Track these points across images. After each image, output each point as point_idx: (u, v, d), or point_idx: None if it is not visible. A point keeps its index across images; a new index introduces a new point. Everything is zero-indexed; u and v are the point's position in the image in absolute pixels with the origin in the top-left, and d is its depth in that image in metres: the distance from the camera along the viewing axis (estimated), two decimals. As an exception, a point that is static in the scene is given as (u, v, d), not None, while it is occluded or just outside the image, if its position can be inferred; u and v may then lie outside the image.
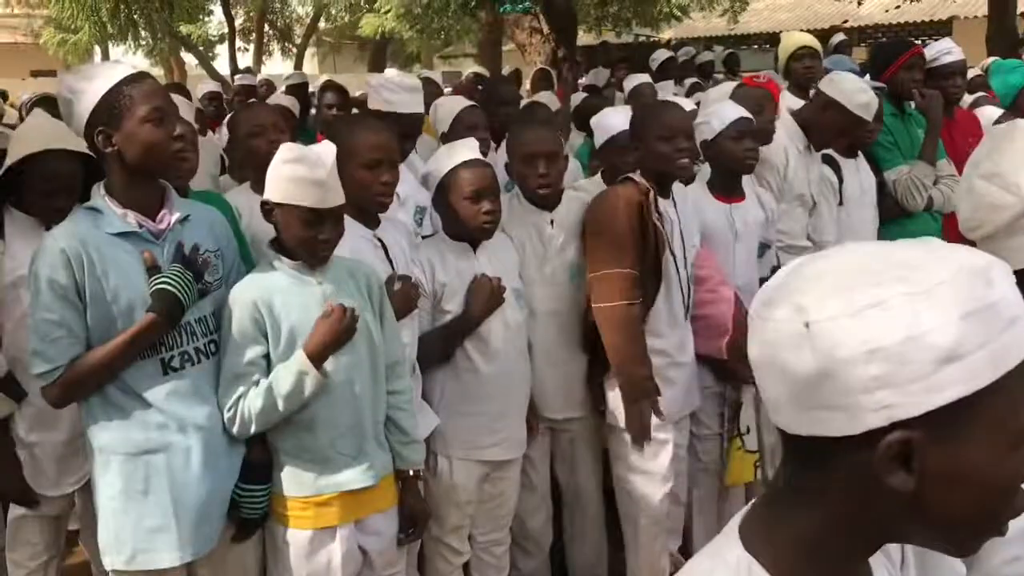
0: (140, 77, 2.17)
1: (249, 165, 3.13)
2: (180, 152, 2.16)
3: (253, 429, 2.29)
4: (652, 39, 15.70)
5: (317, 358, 2.24)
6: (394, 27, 15.88)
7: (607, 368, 2.97)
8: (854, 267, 0.78)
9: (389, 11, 15.20)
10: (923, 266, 0.75)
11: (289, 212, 2.25)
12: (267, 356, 2.28)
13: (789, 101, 4.20)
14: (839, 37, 7.74)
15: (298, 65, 29.60)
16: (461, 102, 3.98)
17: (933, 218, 4.05)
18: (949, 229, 3.96)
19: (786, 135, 3.68)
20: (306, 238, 2.26)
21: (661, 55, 7.91)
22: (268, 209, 2.31)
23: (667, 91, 5.74)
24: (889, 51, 4.15)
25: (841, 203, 3.86)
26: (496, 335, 2.84)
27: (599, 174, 3.52)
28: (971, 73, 7.81)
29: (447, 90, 7.95)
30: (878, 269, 0.76)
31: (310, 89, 8.67)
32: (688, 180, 3.21)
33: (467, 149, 2.87)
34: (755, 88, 3.42)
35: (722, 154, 3.22)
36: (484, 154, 3.13)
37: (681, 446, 3.18)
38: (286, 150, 2.27)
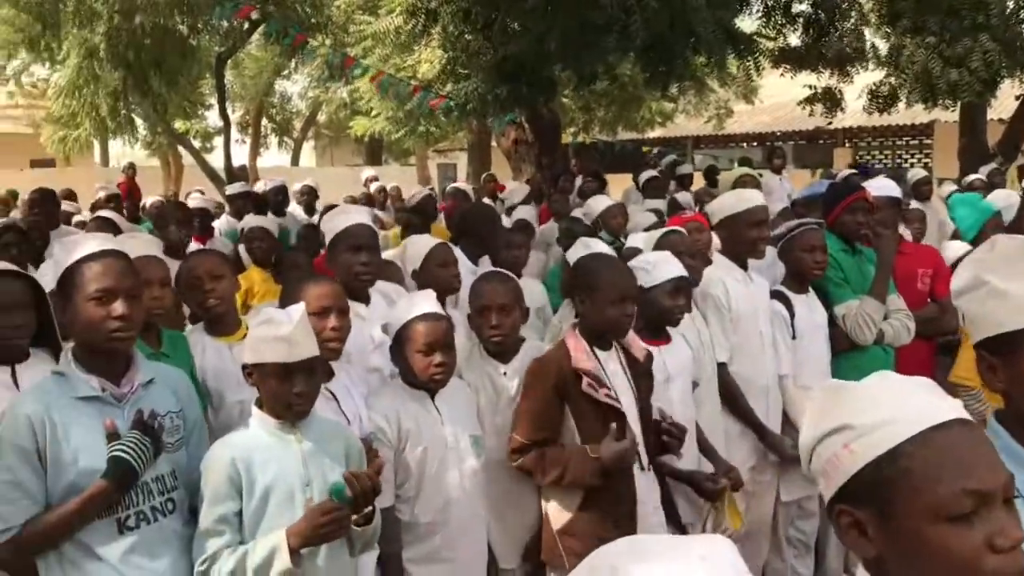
0: (99, 256, 2.26)
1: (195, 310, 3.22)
2: (114, 332, 2.20)
3: None
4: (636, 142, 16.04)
5: (294, 545, 2.23)
6: (384, 127, 16.31)
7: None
8: None
9: (379, 115, 15.64)
10: None
11: (261, 370, 2.33)
12: (240, 513, 2.30)
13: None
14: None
15: (295, 159, 30.22)
16: (432, 240, 3.93)
17: (884, 351, 4.07)
18: (902, 361, 4.01)
19: (720, 266, 3.74)
20: (279, 393, 2.33)
21: (646, 175, 8.74)
22: (248, 372, 2.38)
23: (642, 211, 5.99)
24: (834, 194, 4.23)
25: (794, 337, 3.91)
26: (452, 484, 2.87)
27: None
28: (948, 187, 7.97)
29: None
30: None
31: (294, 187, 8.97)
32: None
33: (425, 301, 2.96)
34: (679, 237, 3.47)
35: (654, 306, 3.26)
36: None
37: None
38: (256, 313, 2.41)
